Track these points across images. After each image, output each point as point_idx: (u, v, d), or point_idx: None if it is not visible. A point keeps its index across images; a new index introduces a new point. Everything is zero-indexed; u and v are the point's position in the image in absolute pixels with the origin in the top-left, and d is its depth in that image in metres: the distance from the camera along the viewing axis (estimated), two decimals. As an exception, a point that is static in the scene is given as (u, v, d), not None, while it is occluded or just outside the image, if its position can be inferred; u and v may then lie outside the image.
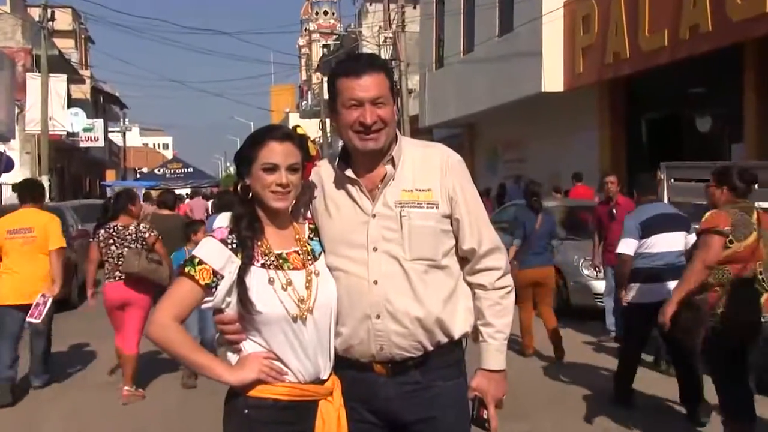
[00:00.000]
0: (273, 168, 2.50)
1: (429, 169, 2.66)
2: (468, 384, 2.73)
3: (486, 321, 2.70)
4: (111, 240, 7.30)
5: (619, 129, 16.95)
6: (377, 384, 2.64)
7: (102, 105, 44.93)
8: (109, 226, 7.40)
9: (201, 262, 2.46)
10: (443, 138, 25.29)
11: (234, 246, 2.49)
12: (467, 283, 2.72)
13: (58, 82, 29.22)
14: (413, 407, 2.64)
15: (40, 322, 7.35)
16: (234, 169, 2.73)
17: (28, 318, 7.30)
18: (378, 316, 2.58)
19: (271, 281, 2.48)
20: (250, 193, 2.55)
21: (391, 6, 34.41)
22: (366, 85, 2.57)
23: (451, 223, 2.67)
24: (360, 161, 2.66)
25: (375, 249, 2.60)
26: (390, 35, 32.53)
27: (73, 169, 39.12)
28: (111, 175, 49.27)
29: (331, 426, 2.54)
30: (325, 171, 2.73)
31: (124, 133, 52.91)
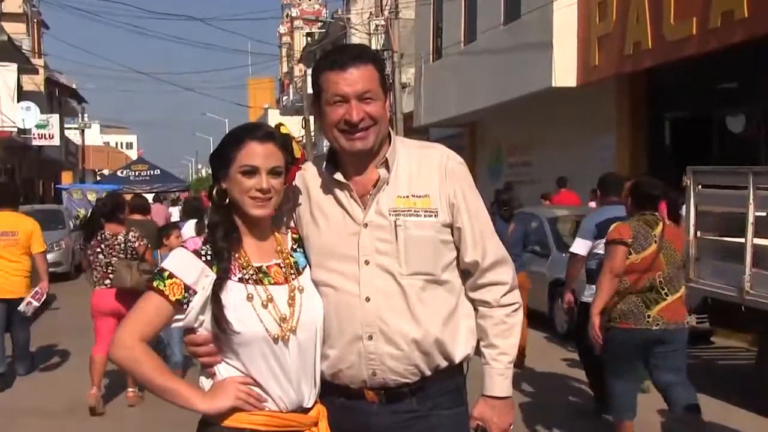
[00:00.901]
0: (253, 171, 2.51)
1: (427, 173, 2.68)
2: (470, 413, 2.74)
3: (489, 342, 2.72)
4: (99, 248, 7.90)
5: (640, 129, 16.96)
6: (369, 413, 2.64)
7: (58, 98, 44.78)
8: (97, 234, 7.99)
9: (171, 275, 2.47)
10: (441, 138, 25.29)
11: (208, 258, 2.50)
12: (470, 300, 2.74)
13: (6, 71, 29.16)
14: (409, 439, 2.64)
15: (38, 305, 8.98)
16: (207, 172, 2.74)
17: (28, 299, 8.85)
18: (370, 337, 2.59)
19: (250, 297, 2.49)
20: (226, 199, 2.56)
21: (384, -10, 34.49)
22: (352, 79, 2.59)
23: (452, 233, 2.69)
24: (349, 164, 2.68)
25: (367, 262, 2.61)
26: (382, 22, 32.60)
27: (25, 171, 38.96)
28: (67, 178, 49.10)
29: (317, 460, 2.55)
30: (311, 174, 2.74)
31: (82, 131, 52.71)
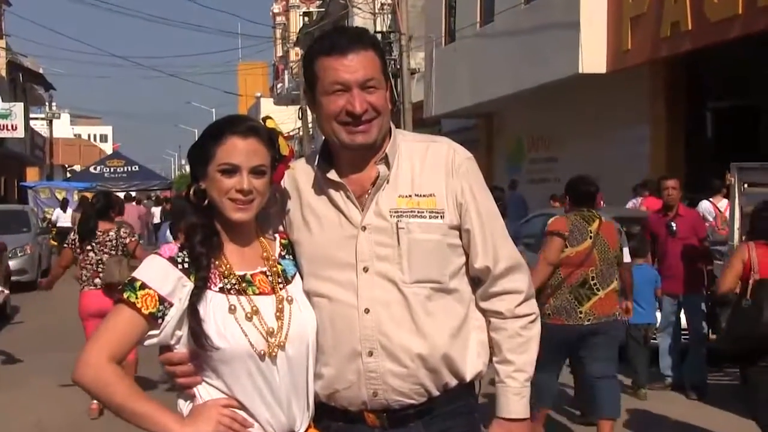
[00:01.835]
0: (232, 170, 2.52)
1: (431, 170, 2.69)
2: (482, 437, 2.75)
3: (503, 357, 2.73)
4: (89, 246, 8.38)
5: (678, 121, 16.96)
6: (369, 439, 2.65)
7: (22, 85, 44.89)
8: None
9: (144, 285, 2.47)
10: (454, 131, 25.36)
11: (186, 266, 2.50)
12: (481, 311, 2.75)
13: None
14: (414, 468, 2.66)
15: None
16: (188, 169, 2.75)
17: None
18: (370, 353, 2.60)
19: (232, 309, 2.49)
20: (205, 200, 2.57)
21: (390, -36, 34.51)
22: (353, 65, 2.60)
23: (460, 236, 2.70)
24: (346, 160, 2.69)
25: (366, 269, 2.62)
26: (388, 1, 32.60)
27: (-16, 167, 39.08)
28: (33, 174, 49.26)
29: (309, 492, 2.56)
30: (302, 173, 2.76)
31: (50, 121, 52.87)
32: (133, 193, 34.97)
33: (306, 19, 51.43)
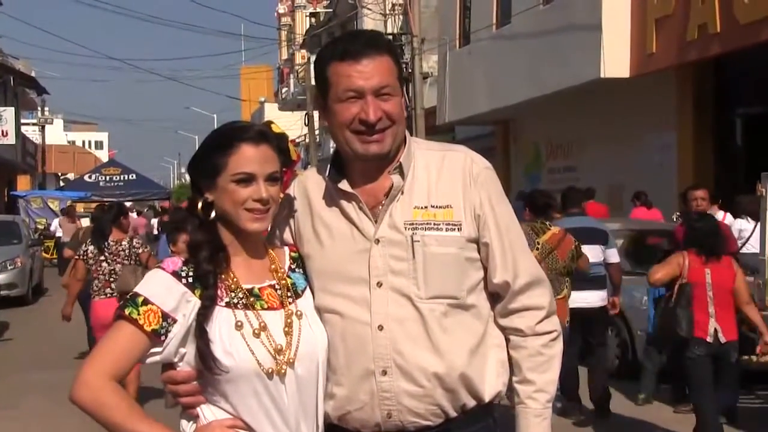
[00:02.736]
0: (248, 179, 2.53)
1: (448, 180, 2.70)
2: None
3: (524, 377, 2.73)
4: (102, 256, 8.74)
5: (705, 128, 16.90)
6: (383, 462, 2.66)
7: (13, 88, 44.91)
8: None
9: (146, 301, 2.48)
10: (469, 138, 25.32)
11: (190, 280, 2.51)
12: (500, 328, 2.75)
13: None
14: (430, 493, 2.66)
15: None
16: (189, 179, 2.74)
17: None
18: (384, 372, 2.61)
19: (239, 325, 2.50)
20: (212, 213, 2.57)
21: (402, -38, 34.55)
22: (367, 71, 2.61)
23: (479, 250, 2.71)
24: (358, 170, 2.70)
25: (379, 284, 2.63)
26: (400, 1, 32.64)
27: (-27, 175, 39.15)
28: (24, 183, 49.30)
29: None
30: (312, 183, 2.77)
31: (42, 127, 52.96)
32: (128, 204, 34.98)
33: (313, 21, 51.46)
